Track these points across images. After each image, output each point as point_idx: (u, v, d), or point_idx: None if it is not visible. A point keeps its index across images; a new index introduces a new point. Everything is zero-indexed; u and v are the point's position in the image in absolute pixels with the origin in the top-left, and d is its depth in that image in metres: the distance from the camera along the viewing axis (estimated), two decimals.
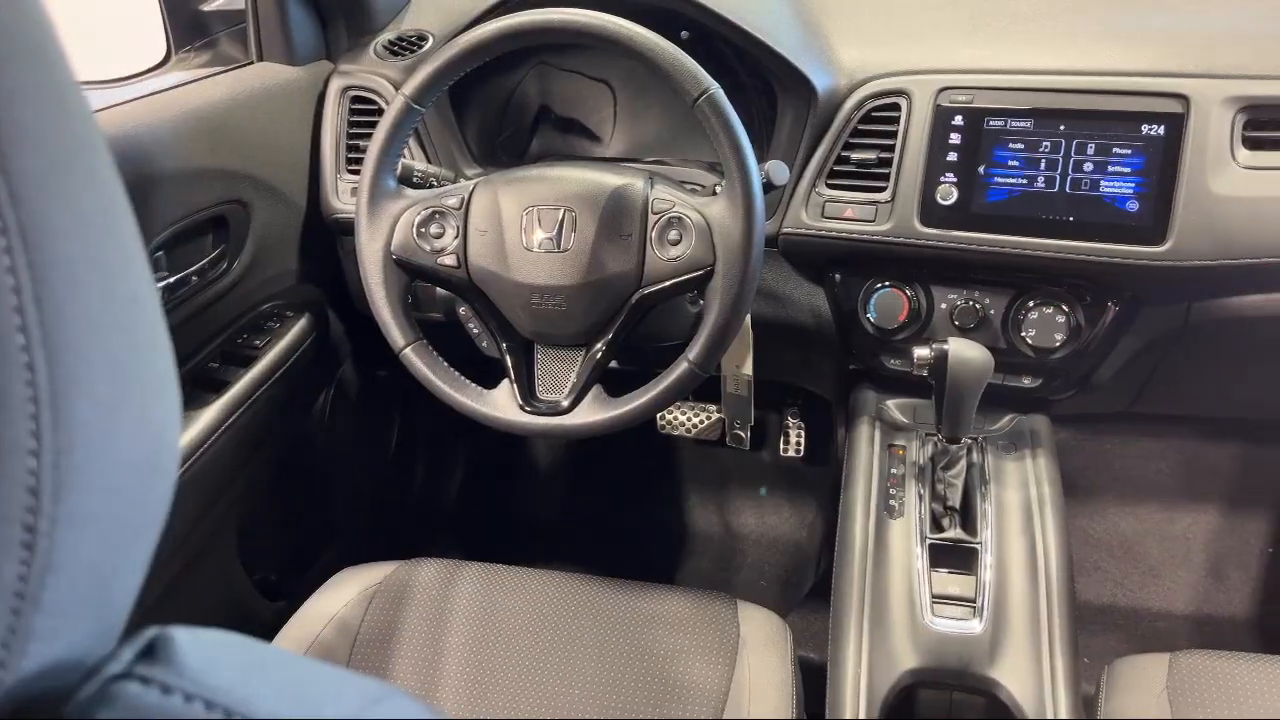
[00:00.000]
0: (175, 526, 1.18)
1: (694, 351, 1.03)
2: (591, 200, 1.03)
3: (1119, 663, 1.05)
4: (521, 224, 1.05)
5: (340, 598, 1.14)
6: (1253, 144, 1.07)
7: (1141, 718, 0.97)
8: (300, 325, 1.37)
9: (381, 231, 1.07)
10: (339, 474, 1.62)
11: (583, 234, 1.03)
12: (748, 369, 1.28)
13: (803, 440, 1.82)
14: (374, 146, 1.06)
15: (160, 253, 1.11)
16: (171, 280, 1.13)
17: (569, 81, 1.35)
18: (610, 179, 1.05)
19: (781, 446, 1.84)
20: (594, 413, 1.06)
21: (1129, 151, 1.08)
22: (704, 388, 1.45)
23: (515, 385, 1.08)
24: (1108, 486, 1.78)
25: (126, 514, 0.30)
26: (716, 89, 0.98)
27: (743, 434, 1.42)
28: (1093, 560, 1.73)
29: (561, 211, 1.04)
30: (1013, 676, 0.97)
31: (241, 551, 1.36)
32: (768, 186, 1.05)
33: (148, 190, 1.06)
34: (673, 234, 1.03)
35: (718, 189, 1.04)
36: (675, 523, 1.91)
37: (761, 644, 1.07)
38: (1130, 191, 1.09)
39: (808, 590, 1.73)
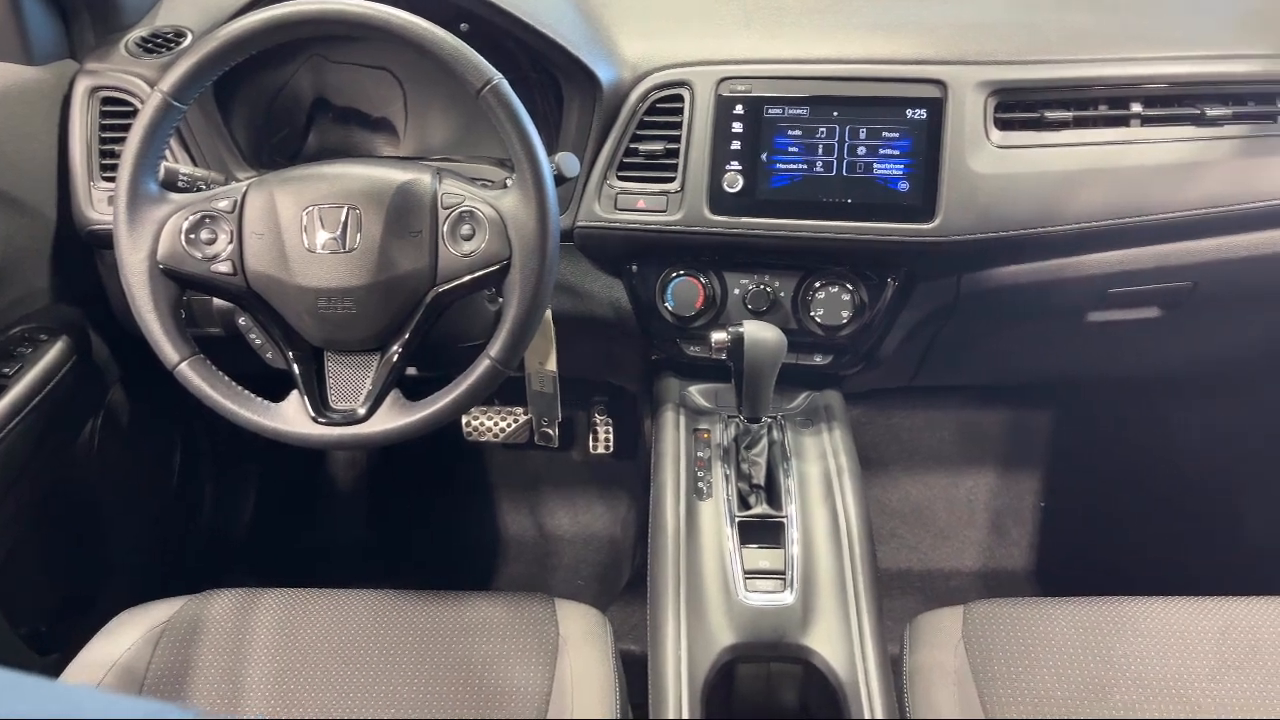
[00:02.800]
0: None
1: (495, 348, 1.00)
2: (376, 197, 0.99)
3: (919, 619, 1.10)
4: (302, 225, 0.99)
5: (121, 642, 1.05)
6: (1003, 124, 1.15)
7: (941, 667, 1.03)
8: (58, 349, 1.24)
9: (144, 240, 0.99)
10: (115, 507, 1.48)
11: (369, 233, 0.99)
12: (551, 365, 1.26)
13: (611, 436, 1.83)
14: (130, 149, 0.98)
15: None
16: None
17: (347, 74, 1.30)
18: (395, 174, 1.01)
19: (591, 444, 1.84)
20: (393, 419, 1.01)
21: (897, 135, 1.14)
22: (509, 390, 1.43)
23: (306, 396, 1.02)
24: (898, 458, 1.88)
25: None
26: (500, 80, 0.96)
27: (551, 432, 1.40)
28: (889, 528, 1.83)
29: (345, 210, 0.99)
30: (824, 642, 1.01)
31: (3, 603, 1.23)
32: (559, 179, 1.04)
33: None
34: (465, 229, 1.00)
35: (509, 182, 1.02)
36: (488, 530, 1.88)
37: (581, 640, 1.06)
38: (900, 173, 1.15)
39: (625, 583, 1.74)
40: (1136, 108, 1.16)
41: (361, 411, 1.02)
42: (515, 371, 1.28)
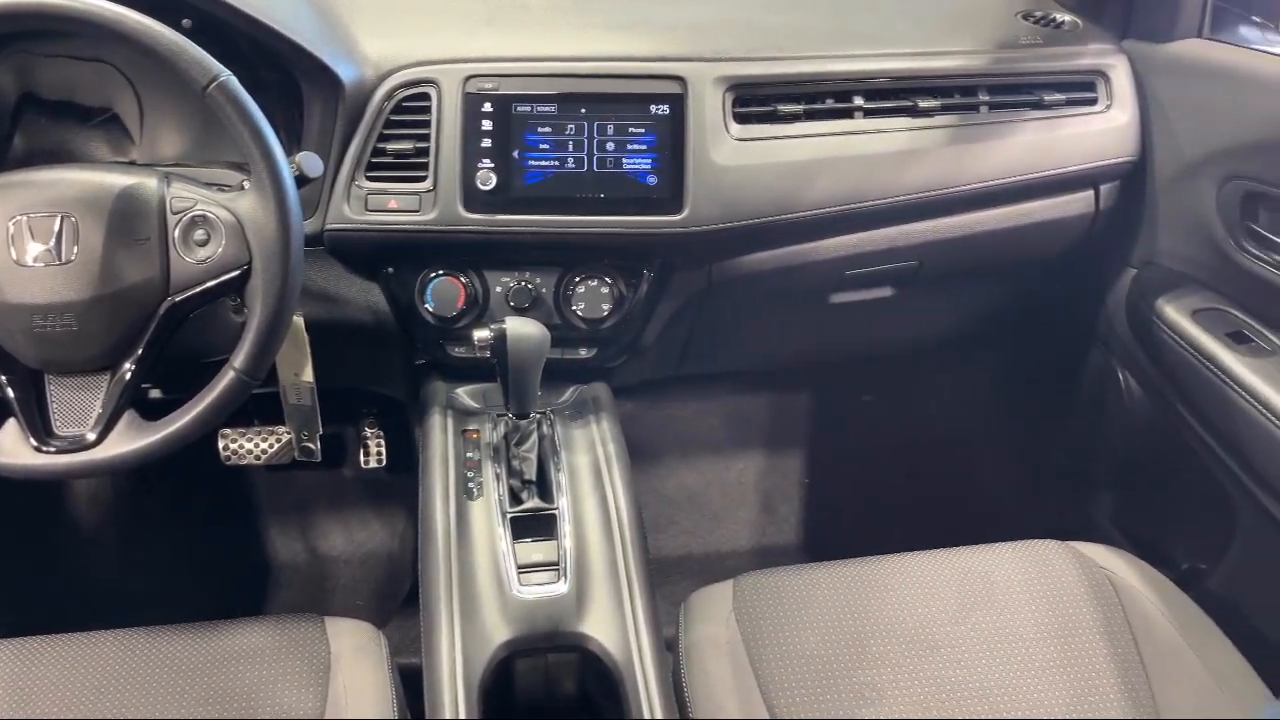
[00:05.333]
0: None
1: (240, 358, 0.95)
2: (95, 204, 0.92)
3: (691, 597, 1.14)
4: (9, 236, 0.91)
5: None
6: (741, 118, 1.21)
7: (714, 640, 1.06)
8: None
9: None
10: None
11: (88, 242, 0.92)
12: (307, 375, 1.22)
13: (384, 449, 1.77)
14: None
15: None
16: None
17: (62, 68, 1.19)
18: (116, 179, 0.94)
19: (362, 458, 1.78)
20: (128, 441, 0.95)
21: (643, 130, 1.18)
22: (268, 408, 1.36)
23: (24, 423, 0.94)
24: (672, 447, 1.94)
25: None
26: (228, 76, 0.92)
27: (313, 446, 1.35)
28: (667, 516, 1.88)
29: (58, 219, 0.92)
30: (599, 628, 1.02)
31: None
32: (301, 179, 1.01)
33: None
34: (199, 234, 0.95)
35: (245, 184, 0.98)
36: (256, 557, 1.78)
37: (354, 656, 1.03)
38: (649, 167, 1.18)
39: (404, 597, 1.70)
40: (859, 101, 1.24)
41: (91, 436, 0.94)
42: (270, 386, 1.22)
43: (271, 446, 1.68)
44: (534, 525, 1.10)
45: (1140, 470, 1.47)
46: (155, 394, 1.23)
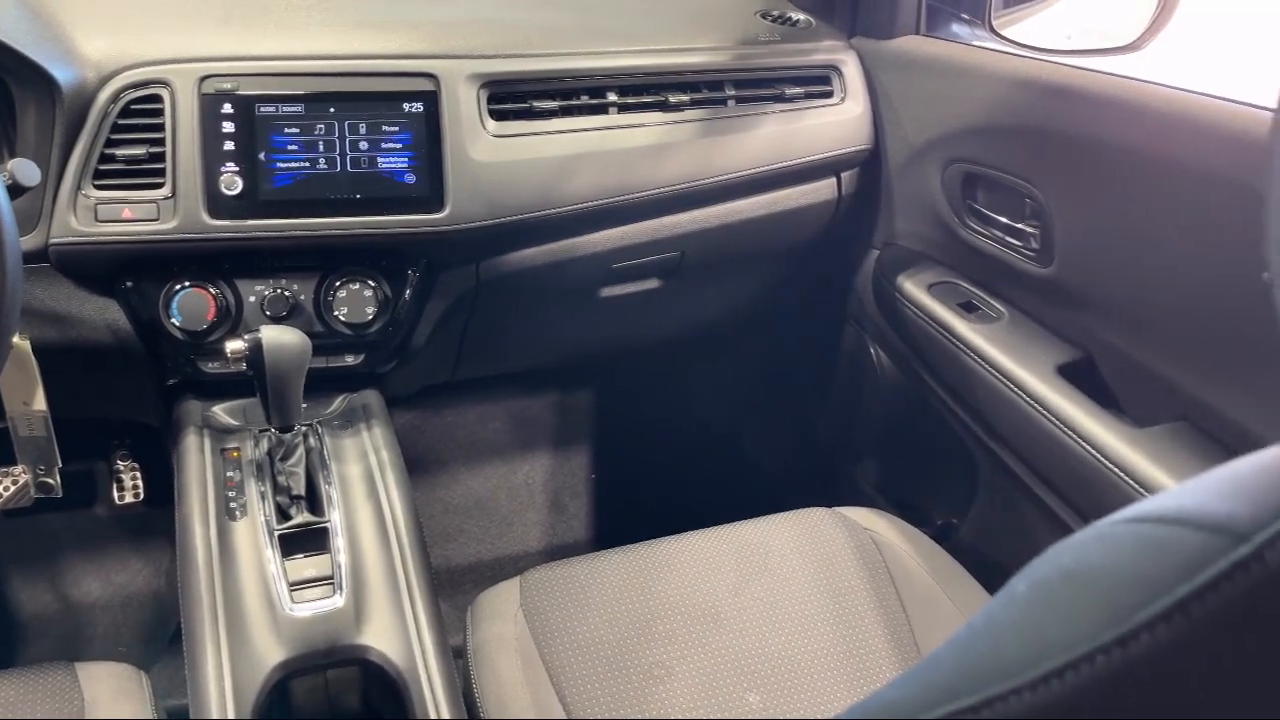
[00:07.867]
0: None
1: None
2: None
3: (479, 598, 1.13)
4: None
5: None
6: (497, 115, 1.21)
7: (502, 638, 1.06)
8: None
9: None
10: None
11: None
12: (39, 404, 1.11)
13: (140, 481, 1.65)
14: None
15: None
16: None
17: None
18: None
19: (116, 494, 1.64)
20: None
21: (397, 129, 1.15)
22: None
23: None
24: (456, 455, 1.91)
25: None
26: None
27: (52, 481, 1.23)
28: (456, 525, 1.85)
29: None
30: (380, 638, 0.99)
31: None
32: (15, 189, 0.93)
33: None
34: None
35: None
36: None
37: (112, 701, 0.95)
38: (405, 165, 1.16)
39: (172, 637, 1.58)
40: (613, 96, 1.27)
41: None
42: None
43: (6, 490, 1.52)
44: (305, 541, 1.06)
45: (896, 436, 1.58)
46: None
